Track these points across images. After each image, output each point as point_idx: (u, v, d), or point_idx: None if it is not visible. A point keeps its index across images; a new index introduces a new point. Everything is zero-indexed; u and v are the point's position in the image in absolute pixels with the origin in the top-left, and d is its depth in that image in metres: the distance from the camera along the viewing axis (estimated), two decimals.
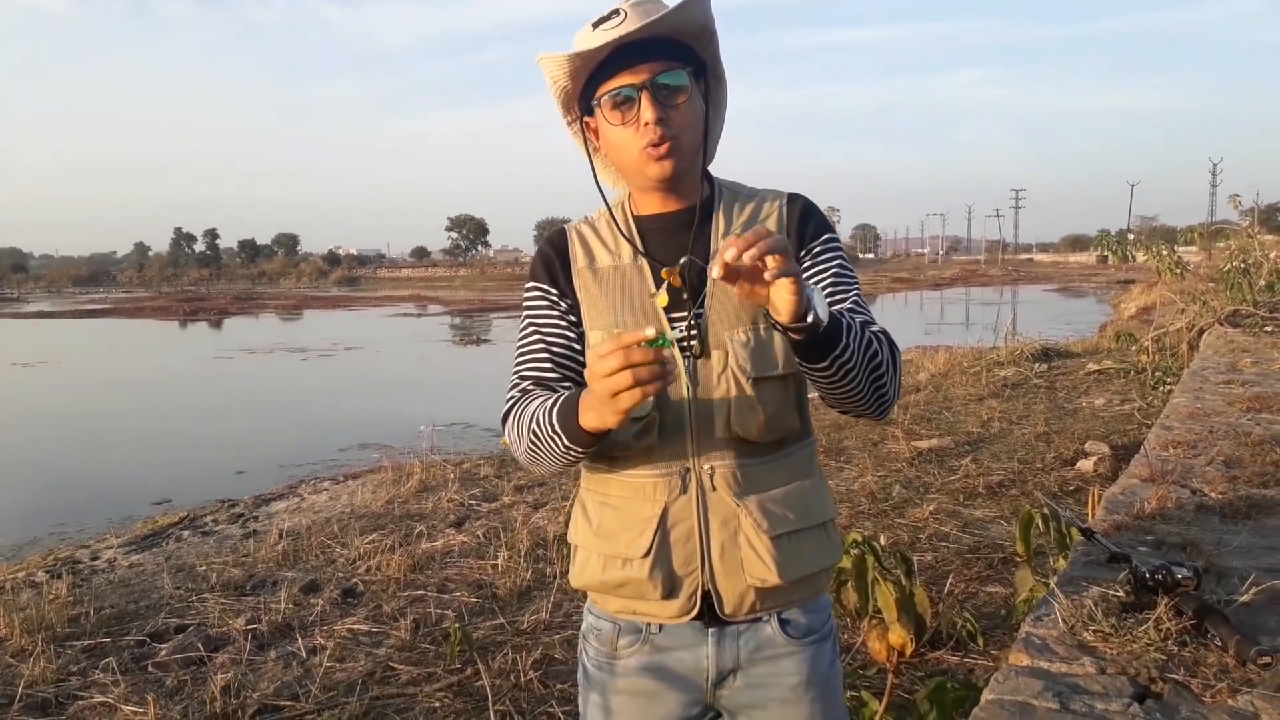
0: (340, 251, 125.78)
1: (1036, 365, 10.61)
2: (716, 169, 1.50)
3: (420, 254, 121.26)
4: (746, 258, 1.08)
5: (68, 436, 12.26)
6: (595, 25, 1.32)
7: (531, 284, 1.49)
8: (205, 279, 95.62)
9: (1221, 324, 8.32)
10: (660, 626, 1.44)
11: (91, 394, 16.54)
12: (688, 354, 1.37)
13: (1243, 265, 9.02)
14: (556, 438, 1.29)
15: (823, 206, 1.53)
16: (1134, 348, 10.33)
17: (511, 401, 1.43)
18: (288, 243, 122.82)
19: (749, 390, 1.36)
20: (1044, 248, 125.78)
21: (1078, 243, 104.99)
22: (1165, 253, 9.87)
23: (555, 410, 1.29)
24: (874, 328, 1.35)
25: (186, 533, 6.29)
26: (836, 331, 1.21)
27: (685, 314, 1.38)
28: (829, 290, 1.40)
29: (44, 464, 10.35)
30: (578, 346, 1.44)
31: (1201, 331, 8.47)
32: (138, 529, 6.57)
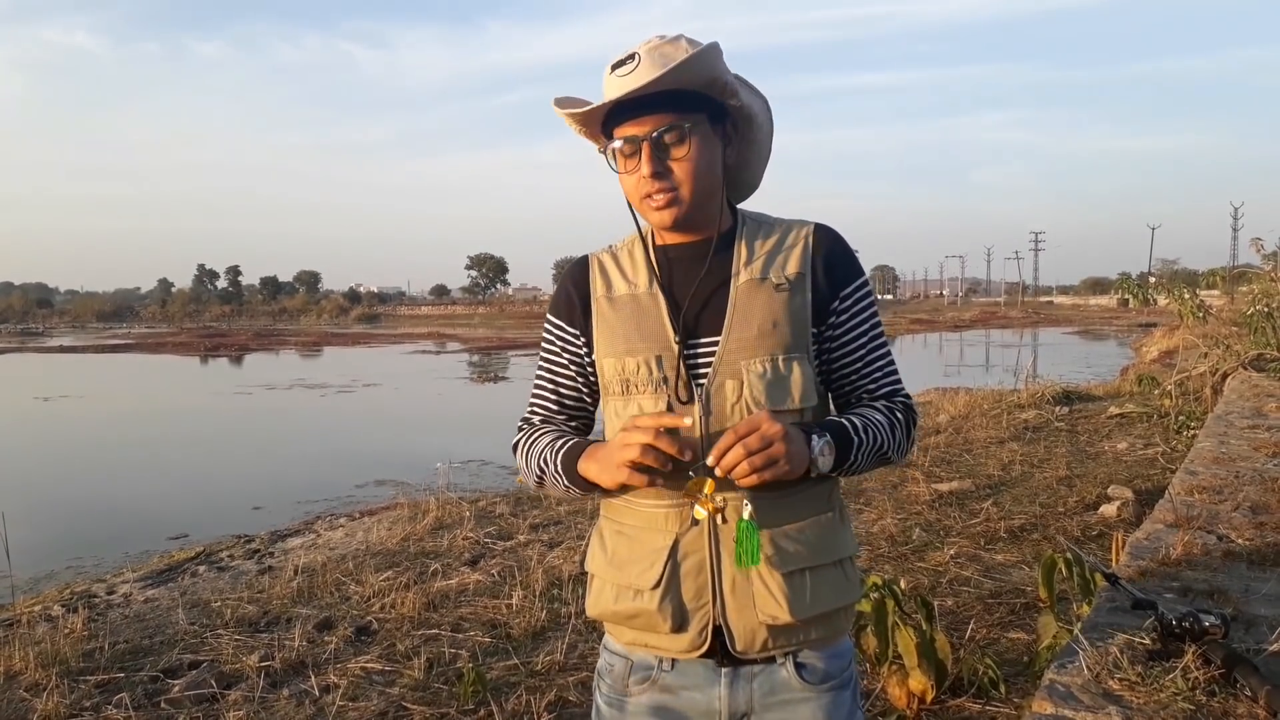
0: (361, 289, 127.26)
1: (1057, 408, 10.52)
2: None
3: (440, 292, 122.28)
4: (730, 463, 1.22)
5: (87, 470, 12.33)
6: (613, 68, 1.34)
7: (550, 318, 1.55)
8: (227, 315, 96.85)
9: (1245, 368, 8.24)
10: (673, 664, 1.41)
11: (111, 428, 16.67)
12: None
13: (1266, 309, 8.94)
14: (559, 476, 1.43)
15: None
16: (1156, 391, 10.23)
17: (521, 432, 1.56)
18: (309, 280, 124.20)
19: None
20: (1064, 290, 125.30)
21: (1098, 285, 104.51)
22: (1187, 296, 9.81)
23: (561, 453, 1.42)
24: (898, 398, 1.44)
25: (202, 568, 6.29)
26: (844, 457, 1.33)
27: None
28: (859, 360, 1.44)
29: (63, 497, 10.39)
30: (585, 390, 1.53)
31: (1225, 376, 8.40)
32: (154, 564, 6.58)
